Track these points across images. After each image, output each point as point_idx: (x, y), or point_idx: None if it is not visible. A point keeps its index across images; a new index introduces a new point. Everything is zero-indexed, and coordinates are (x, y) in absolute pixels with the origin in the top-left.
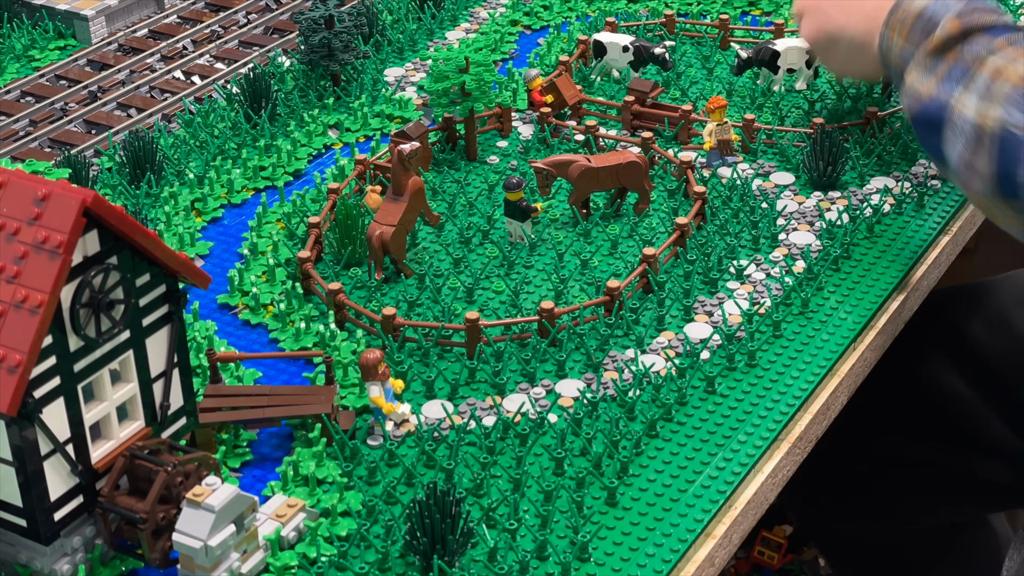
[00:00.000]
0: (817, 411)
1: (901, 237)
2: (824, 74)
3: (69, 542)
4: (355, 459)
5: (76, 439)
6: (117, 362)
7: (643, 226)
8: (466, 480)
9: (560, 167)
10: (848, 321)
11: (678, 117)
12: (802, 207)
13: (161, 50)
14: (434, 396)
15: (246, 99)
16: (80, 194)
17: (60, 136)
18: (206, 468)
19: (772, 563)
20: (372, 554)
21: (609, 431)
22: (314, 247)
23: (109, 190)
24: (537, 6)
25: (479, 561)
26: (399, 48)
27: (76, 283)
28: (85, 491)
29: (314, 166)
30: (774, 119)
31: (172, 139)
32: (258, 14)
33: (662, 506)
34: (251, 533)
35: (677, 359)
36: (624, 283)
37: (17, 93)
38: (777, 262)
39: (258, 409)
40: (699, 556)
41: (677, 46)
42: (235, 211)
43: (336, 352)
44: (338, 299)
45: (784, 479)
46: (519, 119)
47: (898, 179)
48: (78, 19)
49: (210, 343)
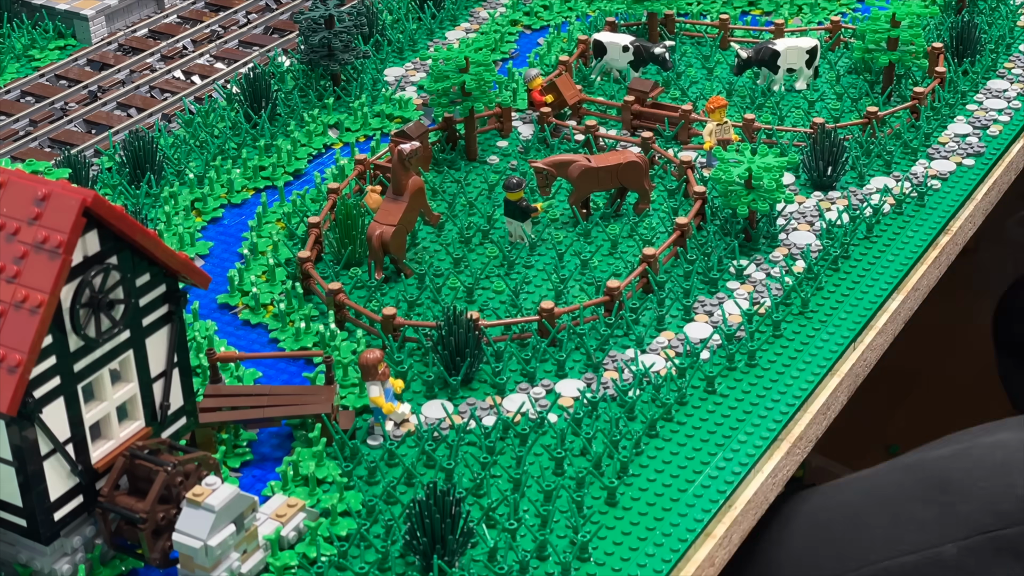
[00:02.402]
0: (817, 411)
1: (901, 237)
2: (824, 74)
3: (69, 542)
4: (355, 459)
5: (76, 439)
6: (117, 362)
7: (643, 226)
8: (466, 480)
9: (560, 167)
10: (848, 321)
11: (678, 117)
12: (802, 207)
13: (161, 50)
14: (434, 396)
15: (246, 99)
16: (80, 194)
17: (60, 136)
18: (206, 468)
19: None
20: (372, 554)
21: (609, 431)
22: (314, 247)
23: (109, 190)
24: (537, 6)
25: (479, 561)
26: (399, 48)
27: (76, 283)
28: (85, 491)
29: (314, 166)
30: (774, 119)
31: (172, 139)
32: (258, 14)
33: (662, 506)
34: (251, 533)
35: (677, 359)
36: (624, 283)
37: (17, 93)
38: (777, 262)
39: (258, 409)
40: (699, 556)
41: (677, 46)
42: (235, 211)
43: (336, 352)
44: (338, 299)
45: (784, 479)
46: (519, 119)
47: (898, 179)
48: (78, 19)
49: (210, 343)
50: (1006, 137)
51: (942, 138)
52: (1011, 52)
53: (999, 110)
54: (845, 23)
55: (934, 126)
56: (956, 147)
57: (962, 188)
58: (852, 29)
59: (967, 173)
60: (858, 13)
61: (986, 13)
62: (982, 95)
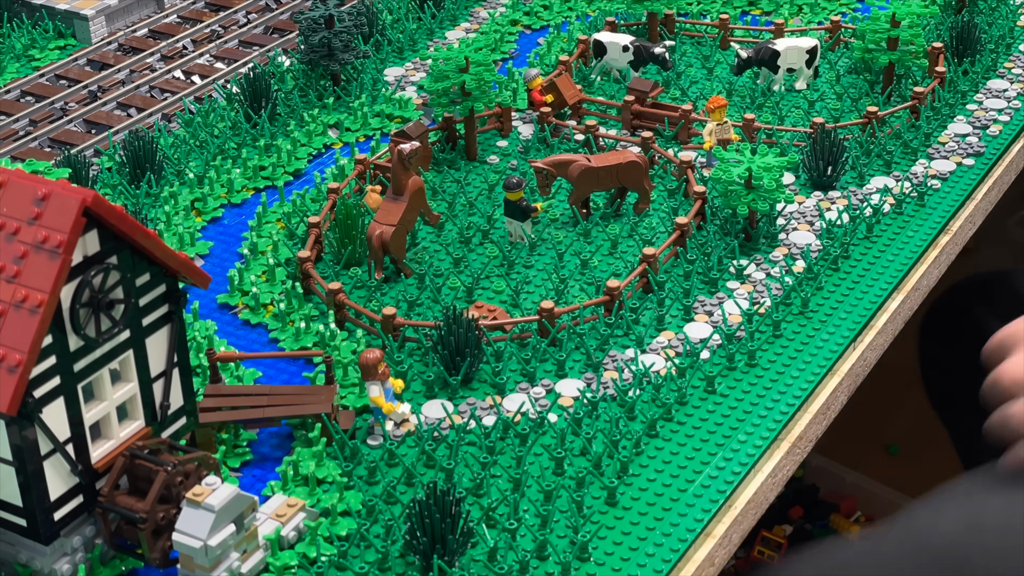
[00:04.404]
0: (817, 411)
1: (901, 237)
2: (824, 74)
3: (69, 542)
4: (355, 459)
5: (76, 439)
6: (117, 362)
7: (643, 226)
8: (466, 480)
9: (560, 167)
10: (848, 321)
11: (678, 117)
12: (802, 207)
13: (161, 50)
14: (434, 396)
15: (246, 99)
16: (80, 194)
17: (60, 136)
18: (206, 468)
19: (772, 563)
20: (372, 554)
21: (609, 431)
22: (314, 247)
23: (109, 190)
24: (537, 6)
25: (479, 561)
26: (399, 48)
27: (76, 283)
28: (85, 491)
29: (314, 166)
30: (774, 119)
31: (172, 139)
32: (258, 14)
33: (662, 506)
34: (251, 533)
35: (677, 359)
36: (624, 283)
37: (17, 93)
38: (777, 262)
39: (258, 409)
40: (699, 556)
41: (677, 46)
42: (235, 211)
43: (336, 352)
44: (338, 299)
45: (784, 479)
46: (519, 119)
47: (898, 179)
48: (78, 19)
49: (210, 343)
50: (1006, 137)
51: (942, 138)
52: (1011, 52)
53: (999, 110)
54: (845, 23)
55: (934, 126)
56: (956, 147)
57: (962, 188)
58: (852, 29)
59: (967, 173)
60: (858, 13)
61: (986, 13)
62: (982, 95)
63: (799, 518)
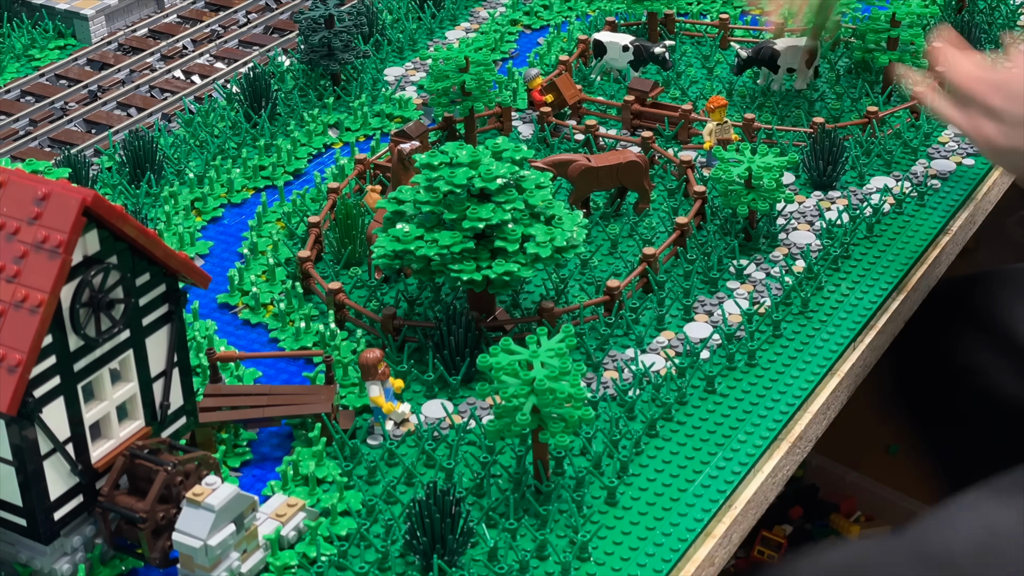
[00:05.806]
0: (817, 411)
1: (901, 237)
2: (824, 74)
3: (69, 541)
4: (355, 459)
5: (76, 438)
6: (117, 361)
7: (643, 226)
8: (466, 480)
9: (560, 167)
10: (848, 321)
11: (678, 117)
12: (802, 207)
13: (161, 50)
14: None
15: (246, 99)
16: (80, 193)
17: (60, 135)
18: (206, 468)
19: (772, 563)
20: (372, 554)
21: (609, 431)
22: (314, 247)
23: (109, 190)
24: (537, 6)
25: (479, 561)
26: (399, 48)
27: (76, 282)
28: (85, 490)
29: (314, 166)
30: (774, 119)
31: (172, 139)
32: (258, 13)
33: (662, 506)
34: (251, 532)
35: (677, 359)
36: (624, 283)
37: (17, 92)
38: (777, 262)
39: (258, 409)
40: (699, 556)
41: (677, 46)
42: (235, 211)
43: (336, 352)
44: (338, 299)
45: (784, 479)
46: (519, 119)
47: (898, 179)
48: (78, 19)
49: (210, 343)
50: None
51: (942, 138)
52: None
53: None
54: (845, 23)
55: (934, 126)
56: (956, 147)
57: (962, 188)
58: (852, 29)
59: (967, 173)
60: (858, 13)
61: (986, 13)
62: None
63: (799, 518)
